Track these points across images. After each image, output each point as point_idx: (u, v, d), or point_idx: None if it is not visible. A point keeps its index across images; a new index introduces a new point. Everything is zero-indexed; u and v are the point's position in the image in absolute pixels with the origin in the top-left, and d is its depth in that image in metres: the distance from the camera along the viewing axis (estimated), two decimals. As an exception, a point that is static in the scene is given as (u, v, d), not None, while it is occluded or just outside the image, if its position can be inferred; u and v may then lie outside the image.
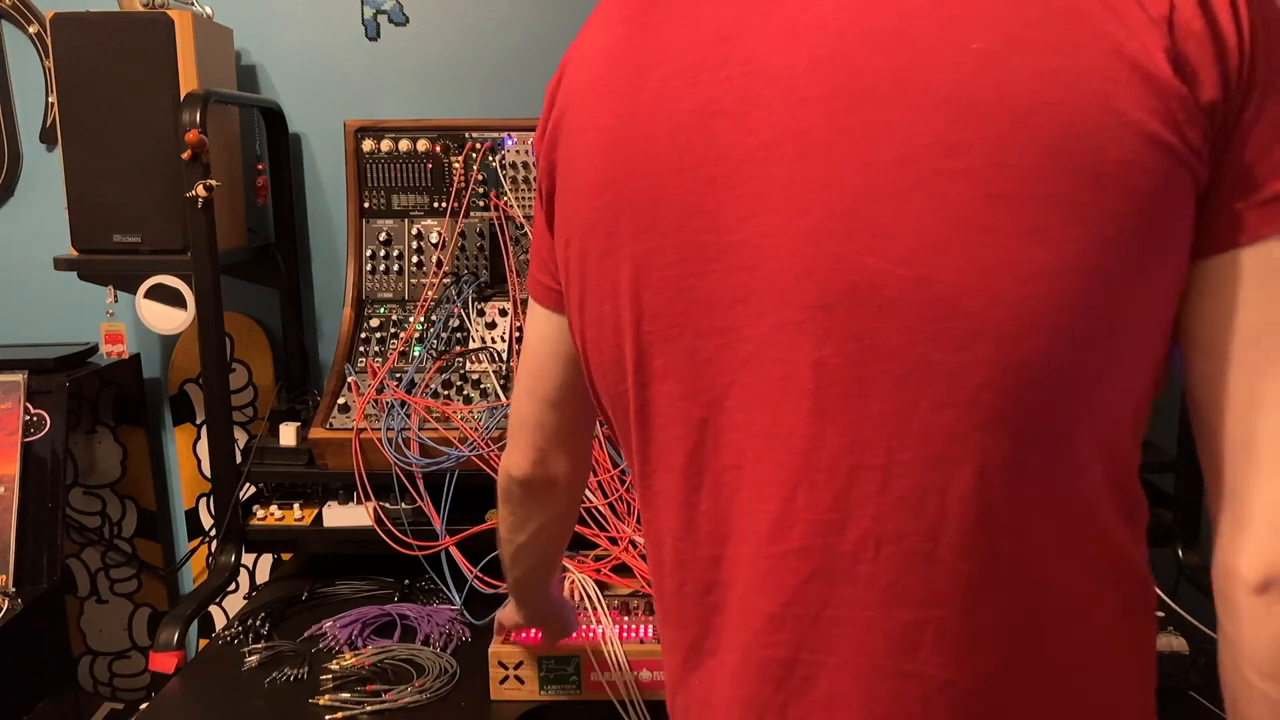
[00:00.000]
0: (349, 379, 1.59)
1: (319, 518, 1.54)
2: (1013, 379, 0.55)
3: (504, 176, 1.69)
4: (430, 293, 1.69)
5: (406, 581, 1.53)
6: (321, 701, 1.20)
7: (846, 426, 0.58)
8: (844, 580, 0.59)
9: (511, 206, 1.69)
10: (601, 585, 1.32)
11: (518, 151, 1.70)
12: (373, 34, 1.86)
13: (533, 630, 1.19)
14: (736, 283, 0.60)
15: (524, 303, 1.66)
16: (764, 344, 0.60)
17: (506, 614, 1.15)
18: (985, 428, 0.56)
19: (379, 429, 1.47)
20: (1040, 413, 0.56)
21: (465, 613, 1.41)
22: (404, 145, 1.71)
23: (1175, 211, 0.54)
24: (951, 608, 0.58)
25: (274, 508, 1.56)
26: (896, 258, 0.55)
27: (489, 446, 1.44)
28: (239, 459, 1.56)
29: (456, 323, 1.65)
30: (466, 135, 1.70)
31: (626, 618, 1.26)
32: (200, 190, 1.43)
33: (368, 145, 1.72)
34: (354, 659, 1.29)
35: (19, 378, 1.63)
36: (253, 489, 1.62)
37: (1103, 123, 0.52)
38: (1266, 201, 0.54)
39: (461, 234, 1.71)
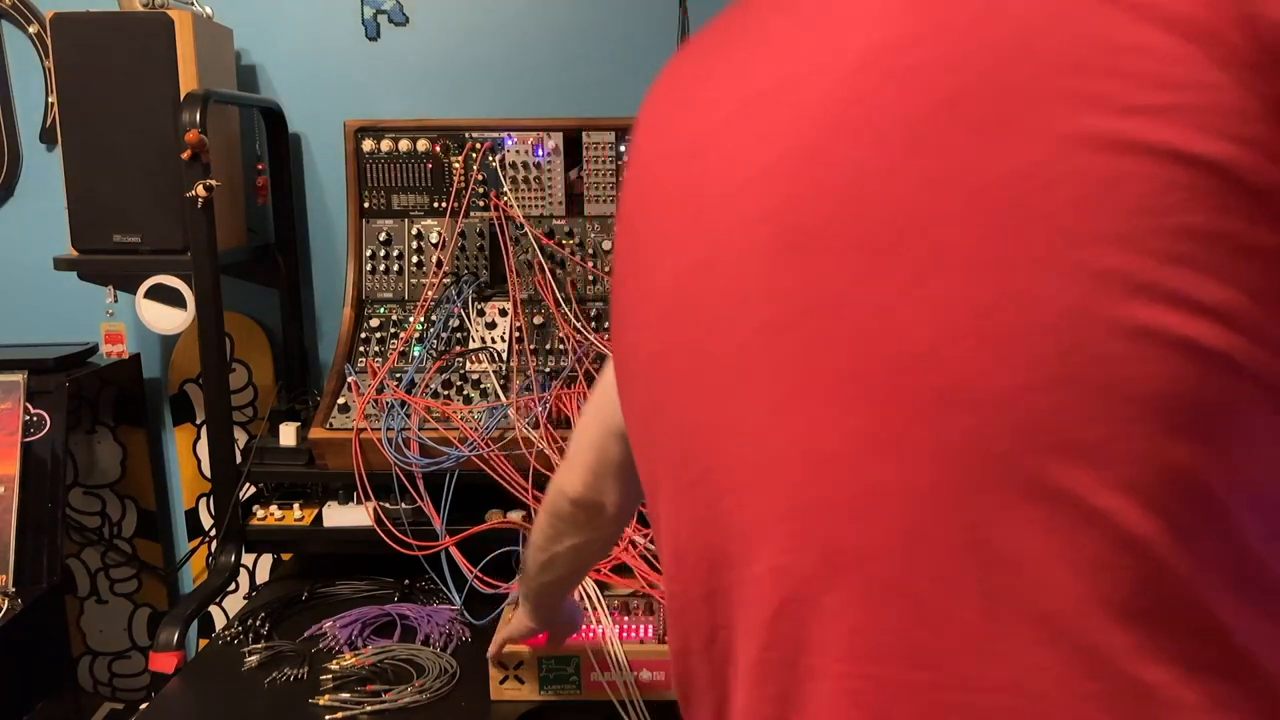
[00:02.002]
0: (349, 379, 1.59)
1: (319, 518, 1.54)
2: (983, 330, 0.40)
3: (504, 176, 1.69)
4: (430, 293, 1.69)
5: (406, 581, 1.53)
6: (321, 701, 1.20)
7: (794, 394, 0.46)
8: (813, 614, 0.46)
9: (511, 206, 1.69)
10: (601, 585, 1.32)
11: (518, 151, 1.70)
12: (373, 34, 1.86)
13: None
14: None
15: (523, 302, 1.67)
16: (721, 312, 0.50)
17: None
18: (950, 399, 0.41)
19: (379, 429, 1.47)
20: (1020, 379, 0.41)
21: (465, 613, 1.41)
22: (404, 145, 1.71)
23: None
24: (944, 671, 0.43)
25: (274, 508, 1.56)
26: (833, 185, 0.45)
27: (489, 446, 1.44)
28: (239, 459, 1.56)
29: (456, 323, 1.65)
30: (466, 135, 1.70)
31: (626, 618, 1.26)
32: (200, 190, 1.43)
33: (368, 145, 1.72)
34: (354, 659, 1.29)
35: (19, 378, 1.63)
36: (253, 489, 1.61)
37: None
38: None
39: (461, 234, 1.71)
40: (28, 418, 1.62)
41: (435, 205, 1.73)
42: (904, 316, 0.42)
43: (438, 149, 1.71)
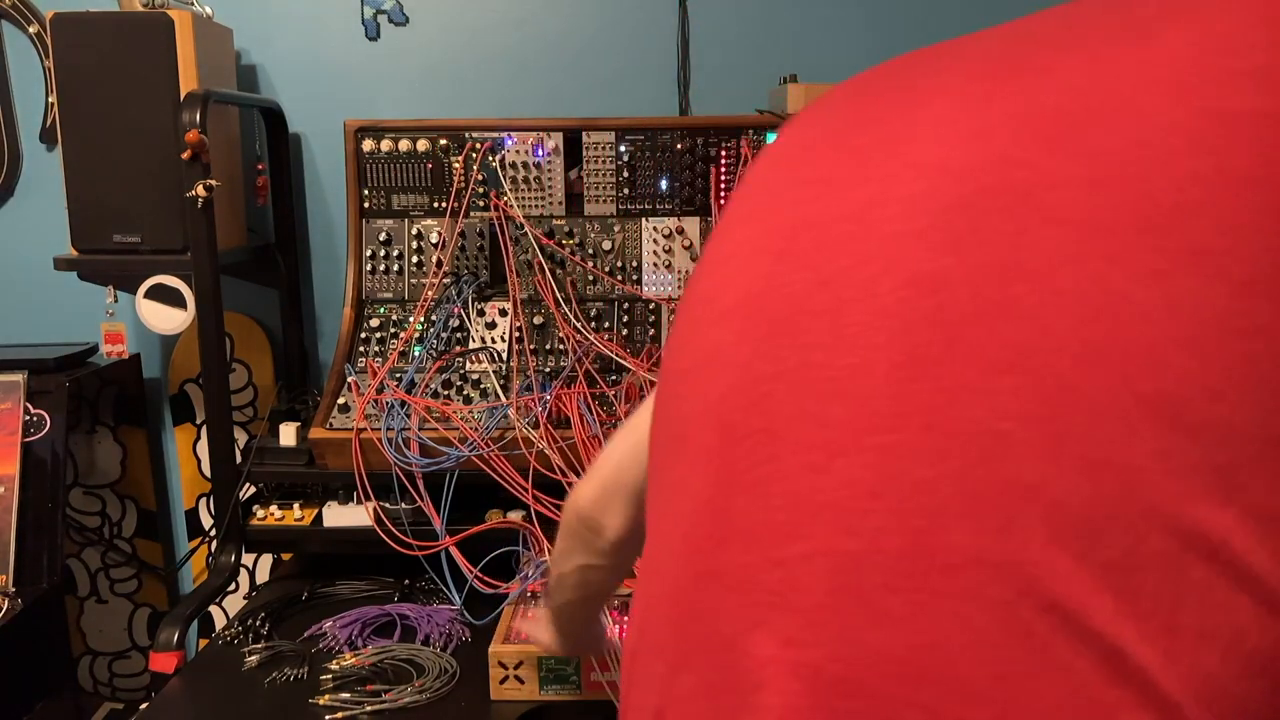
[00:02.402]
0: (349, 379, 1.59)
1: (319, 518, 1.54)
2: (1233, 352, 0.36)
3: (504, 176, 1.69)
4: (430, 293, 1.69)
5: (406, 581, 1.53)
6: (321, 701, 1.20)
7: (926, 360, 0.42)
8: (868, 616, 0.40)
9: (511, 206, 1.69)
10: (601, 585, 1.31)
11: (518, 151, 1.69)
12: (373, 34, 1.86)
13: None
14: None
15: (523, 302, 1.66)
16: (857, 259, 0.47)
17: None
18: (1156, 409, 0.36)
19: (379, 429, 1.47)
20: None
21: (465, 613, 1.41)
22: (404, 145, 1.71)
23: None
24: None
25: (274, 508, 1.56)
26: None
27: (489, 446, 1.44)
28: (239, 459, 1.56)
29: (456, 323, 1.65)
30: (466, 135, 1.70)
31: (626, 618, 1.26)
32: (200, 190, 1.43)
33: (368, 145, 1.72)
34: (354, 659, 1.29)
35: (19, 378, 1.63)
36: (253, 489, 1.61)
37: None
38: None
39: (461, 234, 1.71)
40: (28, 418, 1.62)
41: (435, 205, 1.73)
42: (1126, 308, 0.36)
43: (438, 149, 1.71)
